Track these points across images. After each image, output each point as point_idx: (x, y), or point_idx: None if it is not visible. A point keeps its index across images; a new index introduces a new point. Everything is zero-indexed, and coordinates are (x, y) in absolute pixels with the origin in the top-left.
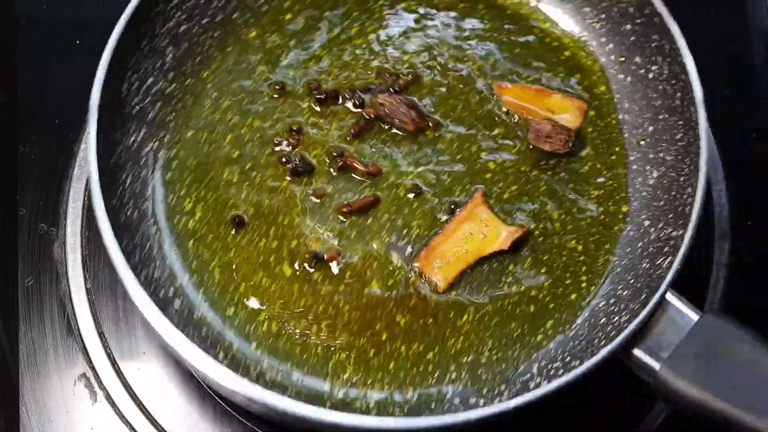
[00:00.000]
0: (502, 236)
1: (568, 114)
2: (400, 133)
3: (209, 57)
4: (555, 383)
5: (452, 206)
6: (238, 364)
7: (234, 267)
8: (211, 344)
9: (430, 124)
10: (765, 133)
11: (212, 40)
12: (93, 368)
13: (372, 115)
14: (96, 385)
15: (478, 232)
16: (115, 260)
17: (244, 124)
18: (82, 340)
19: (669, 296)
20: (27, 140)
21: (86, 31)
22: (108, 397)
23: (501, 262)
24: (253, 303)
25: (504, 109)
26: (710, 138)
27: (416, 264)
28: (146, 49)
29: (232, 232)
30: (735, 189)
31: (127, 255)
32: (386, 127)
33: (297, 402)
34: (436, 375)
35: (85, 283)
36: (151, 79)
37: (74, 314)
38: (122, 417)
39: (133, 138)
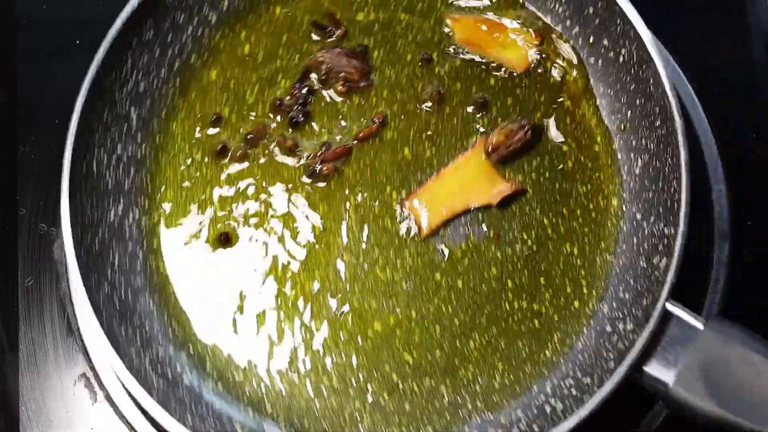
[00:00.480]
0: (493, 191)
1: (513, 57)
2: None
3: (174, 107)
4: (573, 419)
5: None
6: None
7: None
8: (227, 419)
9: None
10: (765, 132)
11: (174, 89)
12: (93, 368)
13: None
14: (96, 385)
15: (471, 181)
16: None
17: (221, 171)
18: (82, 340)
19: (670, 307)
20: (27, 140)
21: (86, 31)
22: (108, 397)
23: (499, 280)
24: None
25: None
26: (708, 133)
27: (406, 203)
28: (109, 120)
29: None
30: (735, 189)
31: (128, 342)
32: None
33: None
34: (451, 410)
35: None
36: (120, 148)
37: (74, 314)
38: (122, 417)
39: (112, 213)
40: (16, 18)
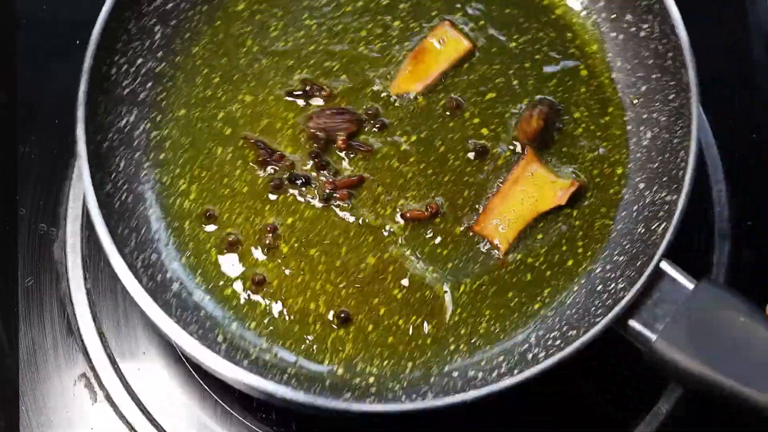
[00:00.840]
0: (558, 193)
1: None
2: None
3: (198, 32)
4: (552, 359)
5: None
6: (237, 347)
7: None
8: (209, 327)
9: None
10: (765, 132)
11: (200, 15)
12: (93, 368)
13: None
14: (96, 385)
15: (533, 190)
16: (106, 249)
17: (235, 99)
18: (82, 340)
19: (664, 265)
20: (27, 140)
21: (86, 31)
22: (108, 397)
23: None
24: (250, 284)
25: None
26: (708, 132)
27: (475, 228)
28: (133, 30)
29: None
30: (735, 189)
31: (123, 241)
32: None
33: (295, 391)
34: (434, 348)
35: (85, 283)
36: (140, 60)
37: (74, 314)
38: (122, 417)
39: (125, 120)
40: (16, 18)
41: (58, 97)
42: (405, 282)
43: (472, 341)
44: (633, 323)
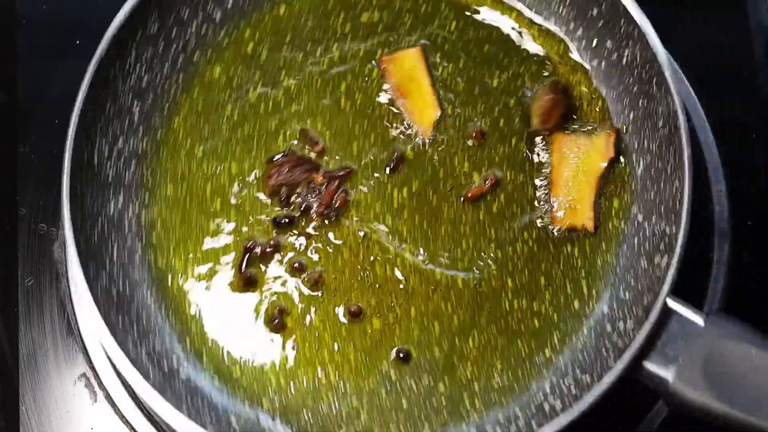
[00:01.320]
0: (603, 148)
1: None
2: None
3: (177, 103)
4: (571, 413)
5: None
6: (252, 429)
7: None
8: (222, 412)
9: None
10: (765, 132)
11: (177, 85)
12: (93, 368)
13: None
14: (96, 385)
15: (579, 162)
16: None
17: (222, 170)
18: (82, 340)
19: (671, 303)
20: (27, 140)
21: (86, 31)
22: (108, 397)
23: (499, 278)
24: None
25: None
26: (708, 133)
27: (557, 226)
28: (111, 112)
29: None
30: (735, 189)
31: (125, 333)
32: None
33: None
34: (449, 407)
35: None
36: (121, 141)
37: (74, 314)
38: (122, 417)
39: (112, 206)
40: (16, 18)
41: (58, 97)
42: (414, 342)
43: (487, 396)
44: (647, 365)
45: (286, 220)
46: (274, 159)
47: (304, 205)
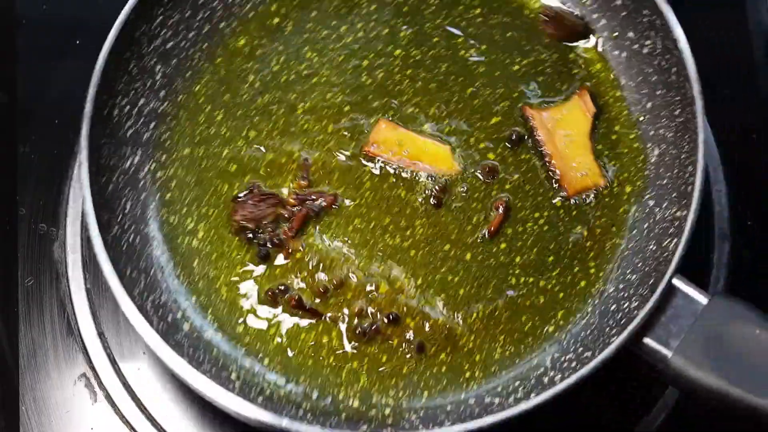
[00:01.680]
0: (581, 108)
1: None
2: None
3: (199, 70)
4: (567, 381)
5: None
6: (250, 384)
7: (241, 284)
8: (222, 365)
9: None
10: (765, 132)
11: (201, 52)
12: (93, 368)
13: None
14: (96, 385)
15: (567, 128)
16: (115, 291)
17: (239, 135)
18: (82, 340)
19: (676, 281)
20: (27, 140)
21: (86, 31)
22: (108, 397)
23: (507, 255)
24: (263, 319)
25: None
26: (708, 133)
27: (570, 194)
28: (134, 71)
29: (237, 247)
30: (735, 189)
31: (132, 282)
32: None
33: (311, 426)
34: (449, 376)
35: (85, 283)
36: (142, 100)
37: (74, 314)
38: (122, 417)
39: (129, 162)
40: (16, 18)
41: (57, 97)
42: (418, 312)
43: (488, 367)
44: (648, 341)
45: (264, 253)
46: (238, 197)
47: (273, 239)
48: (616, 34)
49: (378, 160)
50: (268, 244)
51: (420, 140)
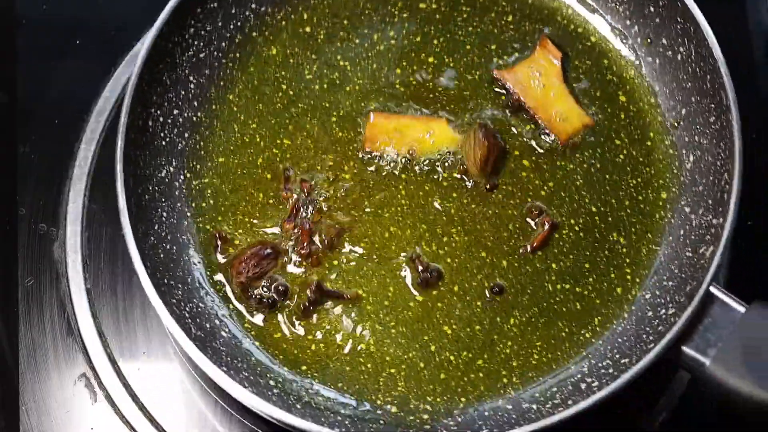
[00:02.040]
0: (546, 56)
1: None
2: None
3: (232, 79)
4: (606, 390)
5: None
6: (288, 392)
7: None
8: (260, 373)
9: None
10: (765, 132)
11: (233, 62)
12: (93, 368)
13: None
14: (96, 385)
15: (537, 79)
16: (153, 302)
17: (273, 144)
18: (82, 340)
19: (713, 290)
20: (27, 140)
21: (86, 31)
22: (108, 397)
23: (543, 261)
24: (300, 326)
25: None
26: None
27: (564, 140)
28: (168, 82)
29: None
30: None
31: (169, 291)
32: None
33: None
34: (487, 382)
35: (85, 283)
36: (176, 111)
37: (74, 314)
38: (122, 417)
39: (164, 171)
40: (16, 18)
41: (58, 97)
42: (455, 318)
43: (525, 373)
44: (686, 349)
45: (270, 302)
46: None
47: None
48: (650, 40)
49: (398, 159)
50: (274, 296)
51: (414, 120)
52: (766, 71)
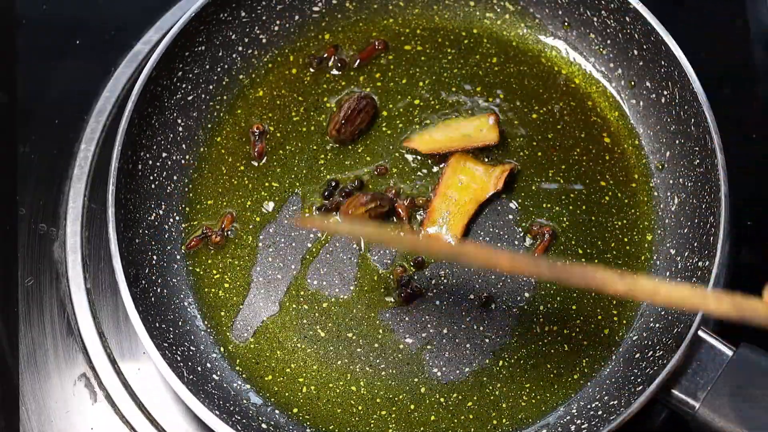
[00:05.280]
0: (492, 180)
1: None
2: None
3: (220, 122)
4: None
5: None
6: None
7: (269, 333)
8: (252, 416)
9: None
10: (765, 132)
11: (221, 104)
12: (93, 368)
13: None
14: (96, 385)
15: (468, 182)
16: (146, 345)
17: (262, 186)
18: (82, 340)
19: (701, 333)
20: (27, 140)
21: (86, 31)
22: (108, 397)
23: (530, 304)
24: (291, 370)
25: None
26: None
27: (424, 229)
28: (157, 125)
29: (263, 298)
30: (735, 189)
31: (161, 334)
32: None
33: None
34: (476, 424)
35: (85, 283)
36: (165, 153)
37: (74, 314)
38: (122, 417)
39: (154, 215)
40: (16, 18)
41: (58, 97)
42: (444, 359)
43: (515, 415)
44: (675, 392)
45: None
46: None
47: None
48: (633, 83)
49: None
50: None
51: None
52: (766, 71)
